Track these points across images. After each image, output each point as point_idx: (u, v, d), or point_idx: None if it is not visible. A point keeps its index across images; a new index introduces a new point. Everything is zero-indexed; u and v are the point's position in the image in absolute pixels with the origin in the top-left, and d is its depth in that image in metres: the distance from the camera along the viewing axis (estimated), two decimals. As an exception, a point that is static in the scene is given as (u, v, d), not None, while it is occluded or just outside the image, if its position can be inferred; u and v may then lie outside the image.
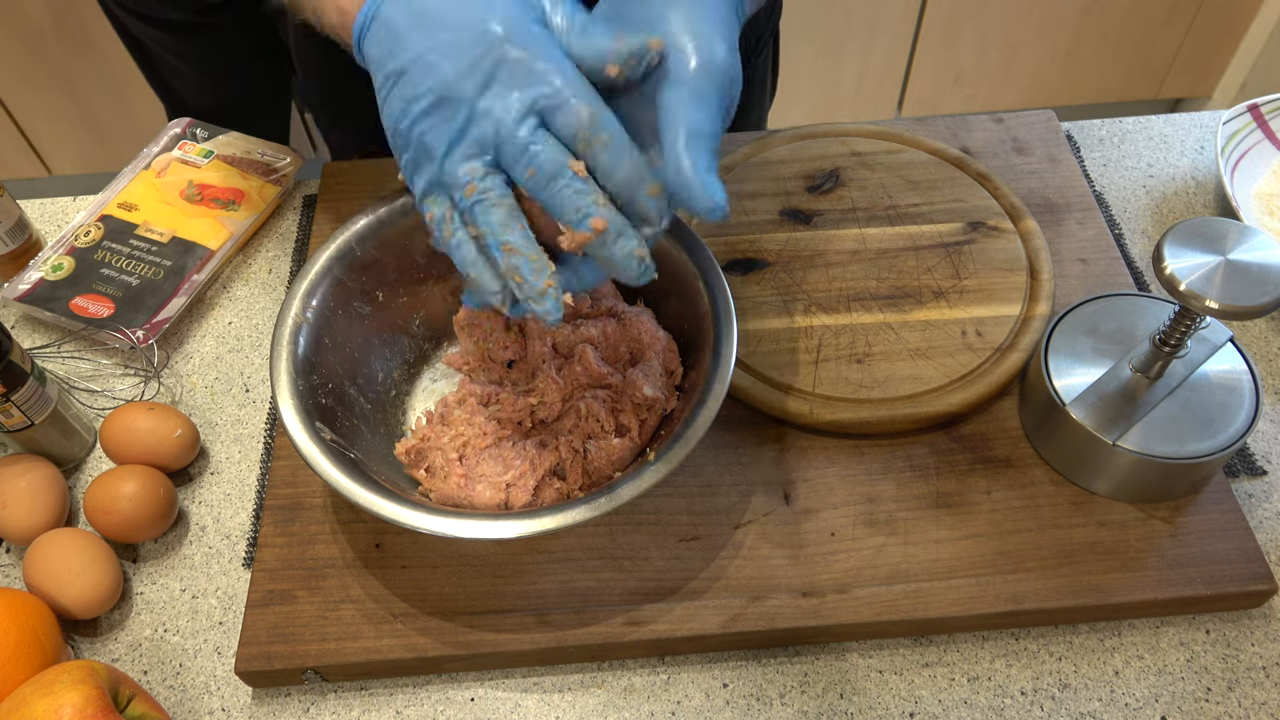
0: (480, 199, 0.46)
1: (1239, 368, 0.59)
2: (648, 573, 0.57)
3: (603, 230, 0.45)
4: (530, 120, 0.45)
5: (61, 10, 1.51)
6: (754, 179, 0.74)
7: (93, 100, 1.65)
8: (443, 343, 0.66)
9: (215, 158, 0.81)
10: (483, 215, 0.46)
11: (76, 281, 0.73)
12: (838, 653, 0.57)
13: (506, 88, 0.45)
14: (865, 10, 1.62)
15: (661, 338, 0.61)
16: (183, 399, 0.70)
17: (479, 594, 0.57)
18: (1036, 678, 0.55)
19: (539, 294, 0.47)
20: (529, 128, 0.45)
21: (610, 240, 0.46)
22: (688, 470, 0.61)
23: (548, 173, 0.45)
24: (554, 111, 0.45)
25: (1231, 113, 0.76)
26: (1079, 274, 0.69)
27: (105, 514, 0.60)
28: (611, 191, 0.46)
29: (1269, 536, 0.60)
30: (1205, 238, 0.52)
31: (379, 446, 0.59)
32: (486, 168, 0.46)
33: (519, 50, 0.45)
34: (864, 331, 0.65)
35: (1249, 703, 0.54)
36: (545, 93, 0.44)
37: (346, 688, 0.57)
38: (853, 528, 0.58)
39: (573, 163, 0.45)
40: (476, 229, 0.47)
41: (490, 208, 0.46)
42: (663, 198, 0.46)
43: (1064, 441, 0.59)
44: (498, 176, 0.46)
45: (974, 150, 0.77)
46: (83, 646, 0.59)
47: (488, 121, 0.45)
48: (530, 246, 0.47)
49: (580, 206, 0.45)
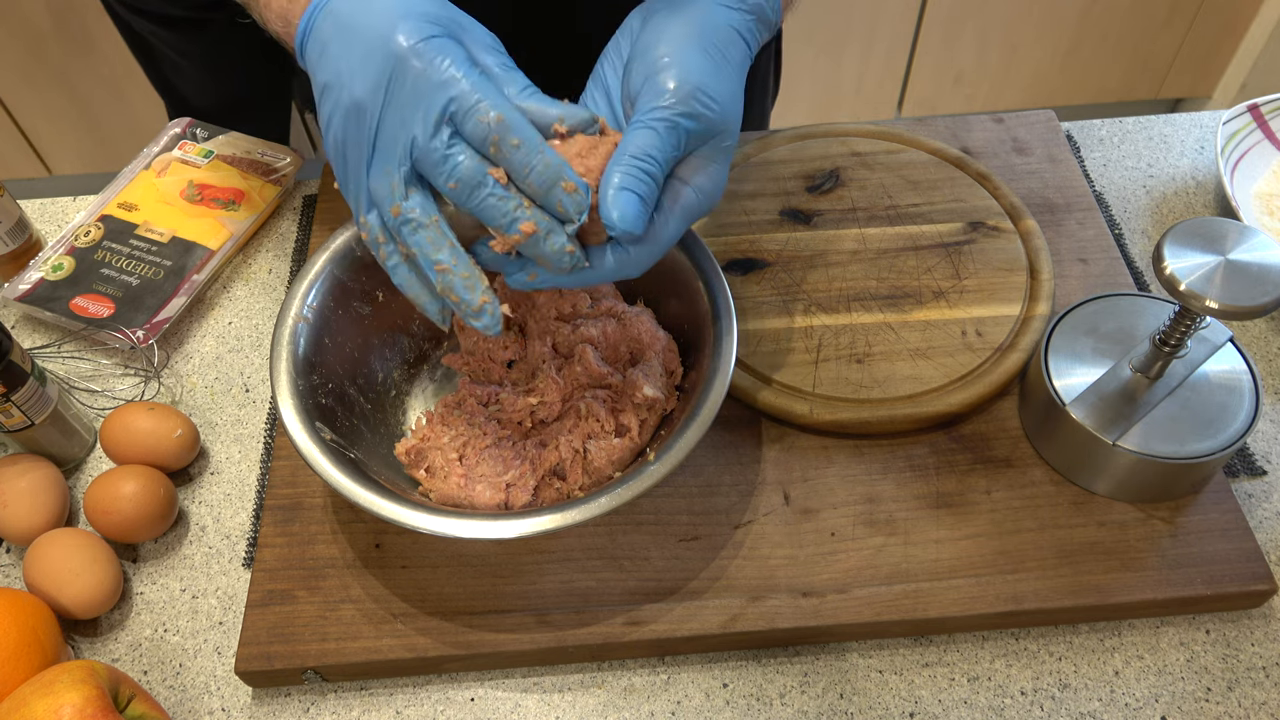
0: (406, 220, 0.46)
1: (1239, 368, 0.59)
2: (648, 573, 0.57)
3: (532, 233, 0.46)
4: (445, 130, 0.45)
5: (61, 10, 1.51)
6: (754, 179, 0.74)
7: (93, 100, 1.65)
8: (443, 343, 0.66)
9: (215, 158, 0.81)
10: (410, 236, 0.47)
11: (76, 281, 0.73)
12: (838, 653, 0.57)
13: (414, 99, 0.45)
14: (865, 10, 1.62)
15: (661, 338, 0.61)
16: (183, 399, 0.70)
17: (479, 594, 0.57)
18: (1036, 678, 0.55)
19: (475, 310, 0.48)
20: (444, 138, 0.45)
21: (541, 240, 0.46)
22: (688, 470, 0.61)
23: (469, 183, 0.45)
24: (463, 117, 0.45)
25: (1231, 113, 0.76)
26: (1079, 274, 0.69)
27: (105, 514, 0.60)
28: (529, 192, 0.46)
29: (1269, 536, 0.60)
30: (1205, 238, 0.52)
31: (379, 446, 0.59)
32: (407, 184, 0.46)
33: (422, 61, 0.45)
34: (864, 331, 0.65)
35: (1249, 703, 0.54)
36: (453, 98, 0.44)
37: (346, 688, 0.57)
38: (853, 528, 0.58)
39: (492, 170, 0.45)
40: (406, 249, 0.48)
41: (417, 229, 0.47)
42: (579, 194, 0.46)
43: (1064, 441, 0.59)
44: (419, 192, 0.46)
45: (974, 150, 0.77)
46: (83, 646, 0.59)
47: (402, 133, 0.45)
48: (461, 263, 0.47)
49: (506, 212, 0.45)
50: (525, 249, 0.47)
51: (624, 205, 0.46)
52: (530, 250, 0.47)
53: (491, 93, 0.45)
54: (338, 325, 0.60)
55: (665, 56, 0.48)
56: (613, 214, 0.46)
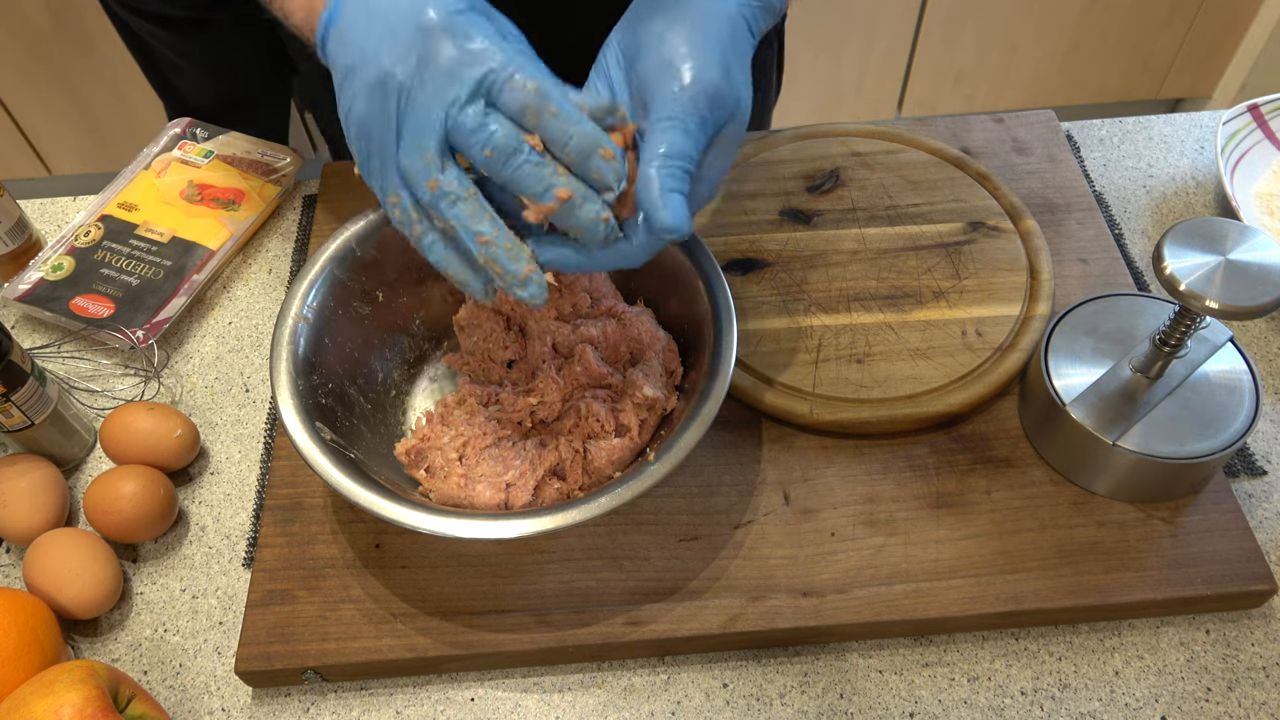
0: (444, 193, 0.46)
1: (1239, 368, 0.59)
2: (648, 573, 0.57)
3: (567, 199, 0.45)
4: (479, 101, 0.45)
5: (61, 11, 1.51)
6: (754, 179, 0.74)
7: (93, 100, 1.65)
8: (443, 343, 0.66)
9: (215, 158, 0.81)
10: (449, 210, 0.46)
11: (76, 281, 0.73)
12: (838, 653, 0.57)
13: (449, 71, 0.45)
14: (865, 10, 1.62)
15: (661, 338, 0.61)
16: (183, 399, 0.70)
17: (479, 594, 0.57)
18: (1036, 678, 0.55)
19: (521, 280, 0.47)
20: (478, 108, 0.45)
21: (576, 206, 0.46)
22: (688, 470, 0.61)
23: (505, 150, 0.45)
24: (499, 89, 0.45)
25: (1231, 113, 0.76)
26: (1079, 274, 0.69)
27: (105, 514, 0.60)
28: (566, 161, 0.46)
29: (1269, 536, 0.60)
30: (1205, 238, 0.52)
31: (379, 446, 0.59)
32: (441, 157, 0.46)
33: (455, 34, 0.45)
34: (864, 331, 0.65)
35: (1249, 703, 0.54)
36: (490, 69, 0.44)
37: (346, 688, 0.57)
38: (853, 528, 0.58)
39: (528, 137, 0.45)
40: (445, 222, 0.47)
41: (456, 202, 0.46)
42: (617, 161, 0.46)
43: (1064, 441, 0.59)
44: (454, 166, 0.46)
45: (974, 150, 0.77)
46: (83, 646, 0.59)
47: (436, 105, 0.45)
48: (504, 235, 0.47)
49: (542, 178, 0.45)
50: (559, 218, 0.46)
51: (674, 207, 0.46)
52: (564, 220, 0.46)
53: (526, 63, 0.45)
54: (338, 325, 0.60)
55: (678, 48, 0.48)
56: (665, 217, 0.46)
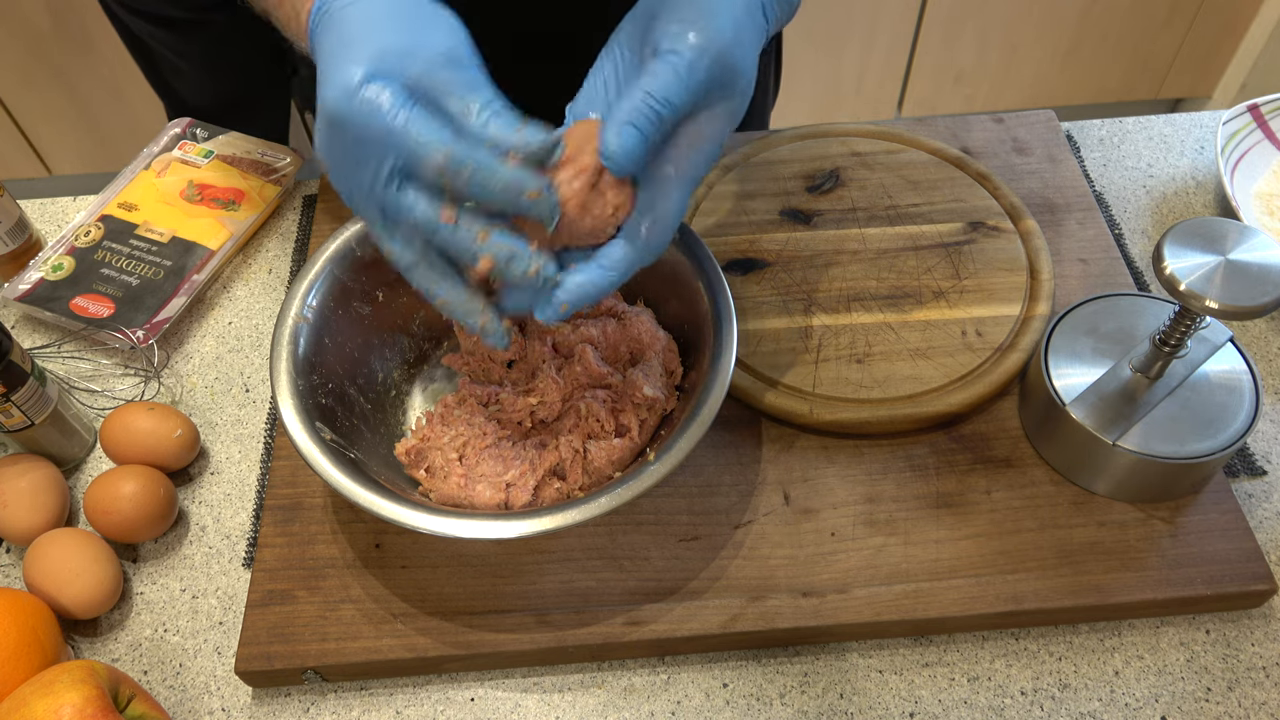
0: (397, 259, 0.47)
1: (1239, 368, 0.59)
2: (648, 573, 0.57)
3: (490, 266, 0.46)
4: (394, 181, 0.45)
5: (61, 10, 1.51)
6: (754, 179, 0.74)
7: (93, 100, 1.65)
8: (443, 343, 0.66)
9: (215, 158, 0.81)
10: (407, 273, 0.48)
11: (76, 281, 0.73)
12: (838, 653, 0.57)
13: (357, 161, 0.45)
14: (865, 10, 1.62)
15: (661, 338, 0.61)
16: (183, 399, 0.70)
17: (479, 594, 0.57)
18: (1036, 678, 0.55)
19: (481, 332, 0.48)
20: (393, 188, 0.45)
21: (502, 269, 0.46)
22: (688, 470, 0.61)
23: (427, 227, 0.45)
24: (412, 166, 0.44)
25: (1231, 113, 0.76)
26: (1079, 274, 0.69)
27: (105, 514, 0.60)
28: (496, 210, 0.46)
29: (1269, 536, 0.60)
30: (1205, 238, 0.52)
31: (379, 446, 0.59)
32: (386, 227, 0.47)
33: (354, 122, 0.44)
34: (864, 331, 0.65)
35: (1249, 703, 0.54)
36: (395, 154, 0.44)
37: (346, 688, 0.57)
38: (853, 528, 0.58)
39: (443, 211, 0.45)
40: None
41: (410, 269, 0.47)
42: (545, 197, 0.45)
43: (1064, 441, 0.59)
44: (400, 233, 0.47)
45: (974, 150, 0.77)
46: (83, 646, 0.59)
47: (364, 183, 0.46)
48: (455, 293, 0.48)
49: (467, 248, 0.46)
50: (494, 276, 0.47)
51: (626, 138, 0.45)
52: (500, 277, 0.47)
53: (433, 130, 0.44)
54: (338, 325, 0.60)
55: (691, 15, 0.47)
56: (611, 143, 0.45)
